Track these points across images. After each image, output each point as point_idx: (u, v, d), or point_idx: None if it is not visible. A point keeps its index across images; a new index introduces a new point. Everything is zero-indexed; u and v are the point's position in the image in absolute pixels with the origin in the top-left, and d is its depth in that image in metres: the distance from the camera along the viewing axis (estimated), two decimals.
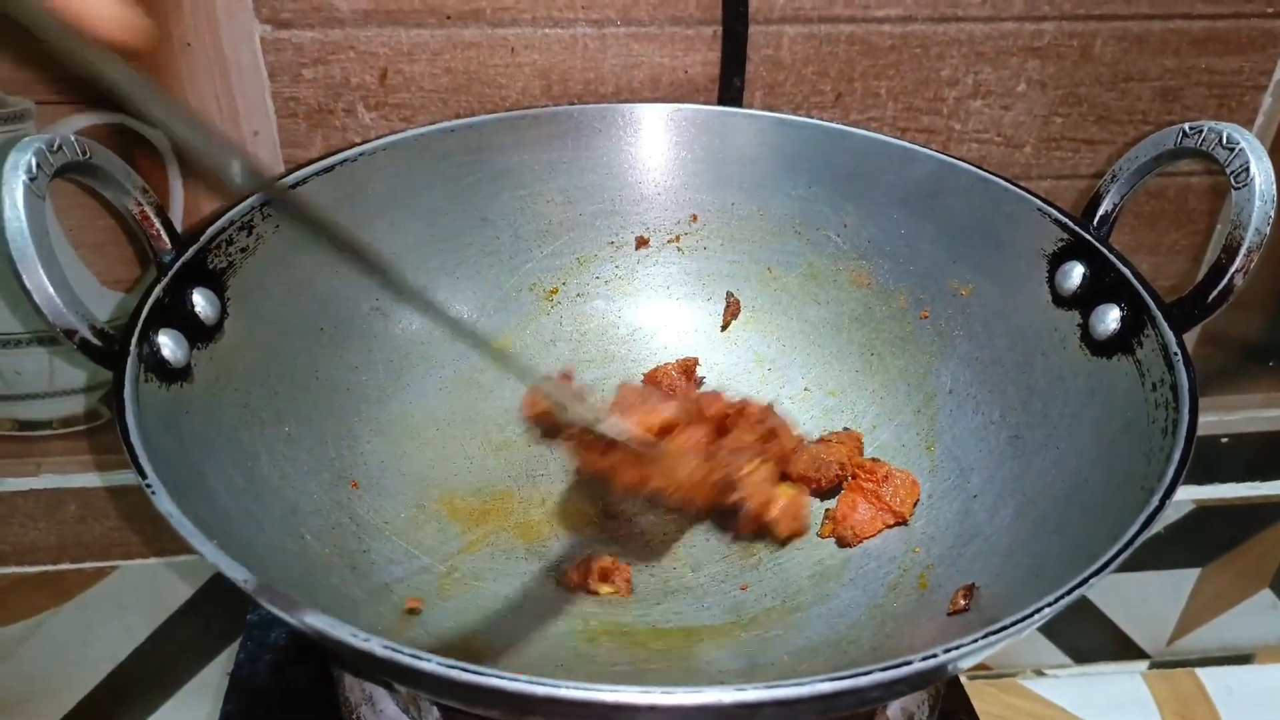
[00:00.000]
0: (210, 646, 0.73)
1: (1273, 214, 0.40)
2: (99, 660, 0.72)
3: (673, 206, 0.56)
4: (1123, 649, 0.82)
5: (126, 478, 0.64)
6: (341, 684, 0.46)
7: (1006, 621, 0.30)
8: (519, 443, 0.52)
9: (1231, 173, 0.41)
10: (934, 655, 0.28)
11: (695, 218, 0.56)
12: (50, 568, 0.69)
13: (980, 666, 0.80)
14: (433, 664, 0.27)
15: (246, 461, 0.42)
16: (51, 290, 0.36)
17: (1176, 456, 0.36)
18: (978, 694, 0.76)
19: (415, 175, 0.52)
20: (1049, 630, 0.80)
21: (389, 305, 0.51)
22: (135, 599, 0.70)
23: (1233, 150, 0.41)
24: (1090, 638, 0.81)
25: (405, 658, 0.27)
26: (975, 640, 0.29)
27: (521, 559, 0.46)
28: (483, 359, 0.53)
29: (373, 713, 0.44)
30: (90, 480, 0.65)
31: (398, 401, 0.51)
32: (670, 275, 0.56)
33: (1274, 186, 0.40)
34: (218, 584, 0.70)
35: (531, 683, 0.27)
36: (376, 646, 0.28)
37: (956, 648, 0.29)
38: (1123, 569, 0.84)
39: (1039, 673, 0.80)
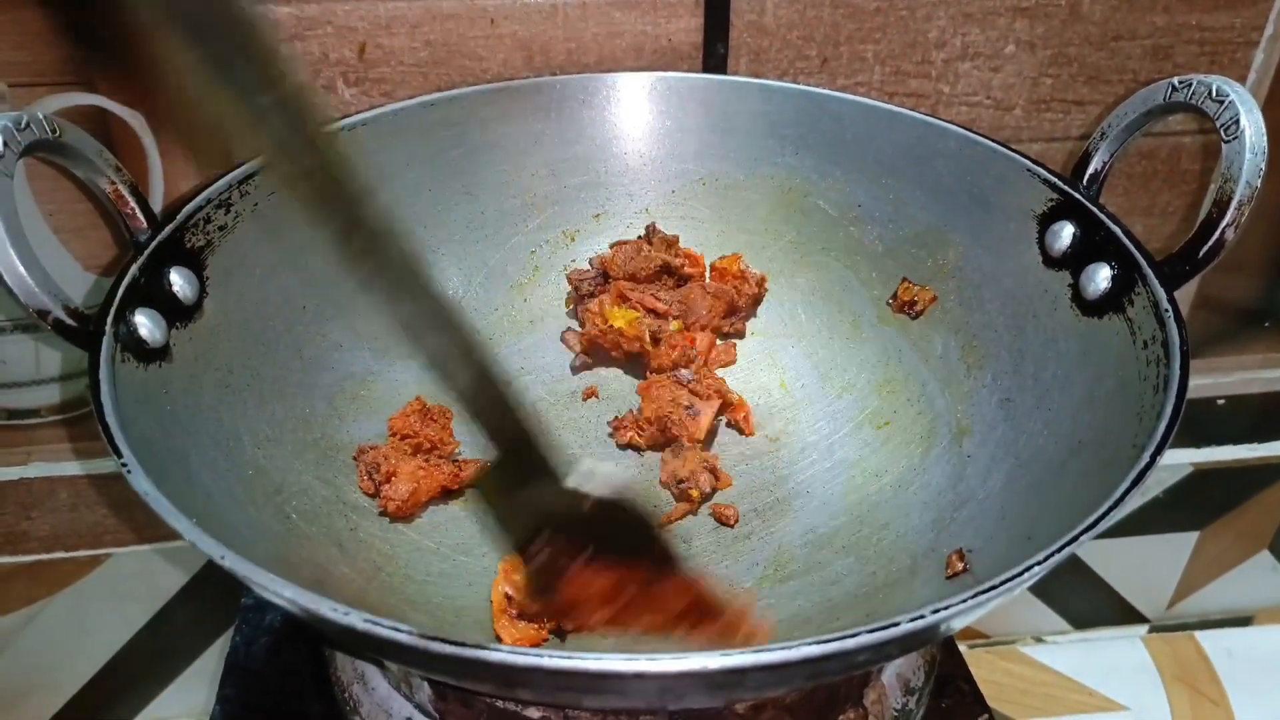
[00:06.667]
0: (207, 632, 0.73)
1: (1264, 167, 0.40)
2: (96, 649, 0.72)
3: (658, 177, 0.55)
4: (1122, 614, 0.82)
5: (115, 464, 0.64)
6: (333, 663, 0.46)
7: (995, 581, 0.29)
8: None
9: (1221, 125, 0.40)
10: (921, 616, 0.28)
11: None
12: (44, 557, 0.69)
13: (979, 634, 0.80)
14: (413, 637, 0.27)
15: (229, 442, 0.41)
16: (22, 270, 0.35)
17: (1168, 413, 0.35)
18: (977, 661, 0.76)
19: (396, 150, 0.51)
20: (1048, 596, 0.80)
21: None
22: (130, 587, 0.70)
23: (1222, 103, 0.40)
24: (1089, 603, 0.80)
25: (385, 630, 0.27)
26: (964, 600, 0.29)
27: None
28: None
29: (365, 691, 0.43)
30: (81, 468, 0.65)
31: (384, 380, 0.50)
32: None
33: (1264, 139, 0.40)
34: (212, 570, 0.69)
35: (513, 653, 0.27)
36: (357, 620, 0.27)
37: (945, 608, 0.28)
38: (1121, 533, 0.84)
39: (1039, 639, 0.80)
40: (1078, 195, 0.45)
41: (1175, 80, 0.42)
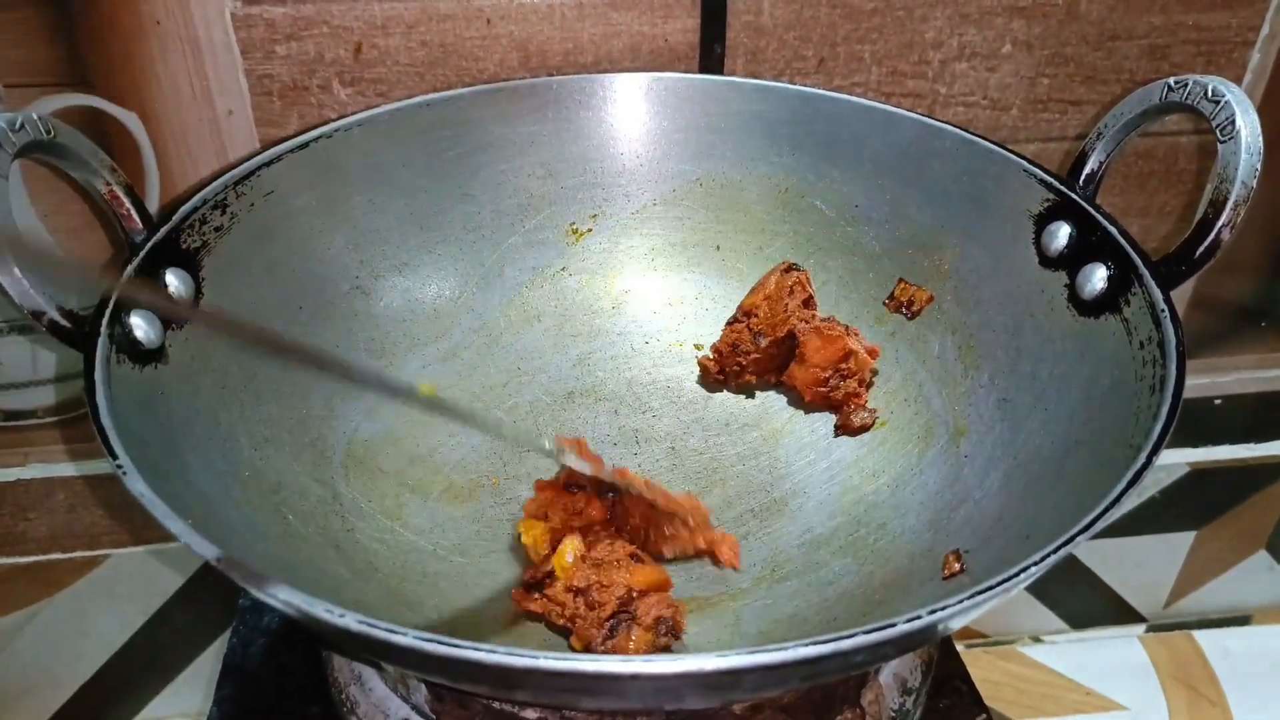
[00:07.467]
0: (205, 633, 0.73)
1: (1259, 167, 0.40)
2: (95, 650, 0.72)
3: (655, 177, 0.55)
4: (1120, 613, 0.82)
5: (111, 465, 0.64)
6: (330, 665, 0.46)
7: (992, 581, 0.29)
8: (505, 419, 0.51)
9: (1217, 126, 0.40)
10: (918, 617, 0.28)
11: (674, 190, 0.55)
12: (41, 558, 0.68)
13: (978, 634, 0.80)
14: (409, 638, 0.27)
15: (226, 443, 0.41)
16: (17, 271, 0.35)
17: (1164, 413, 0.35)
18: (975, 661, 0.76)
19: (393, 151, 0.51)
20: (1046, 596, 0.80)
21: (369, 283, 0.51)
22: (128, 587, 0.70)
23: (1218, 103, 0.40)
24: (1087, 603, 0.80)
25: (380, 632, 0.27)
26: (961, 601, 0.29)
27: (508, 535, 0.46)
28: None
29: (362, 692, 0.43)
30: (78, 469, 0.65)
31: None
32: (654, 247, 0.56)
33: (1260, 139, 0.40)
34: (210, 571, 0.69)
35: (510, 654, 0.27)
36: (352, 622, 0.27)
37: (942, 609, 0.28)
38: (1118, 533, 0.84)
39: (1037, 639, 0.80)
40: (1074, 195, 0.45)
41: (1172, 80, 0.42)
